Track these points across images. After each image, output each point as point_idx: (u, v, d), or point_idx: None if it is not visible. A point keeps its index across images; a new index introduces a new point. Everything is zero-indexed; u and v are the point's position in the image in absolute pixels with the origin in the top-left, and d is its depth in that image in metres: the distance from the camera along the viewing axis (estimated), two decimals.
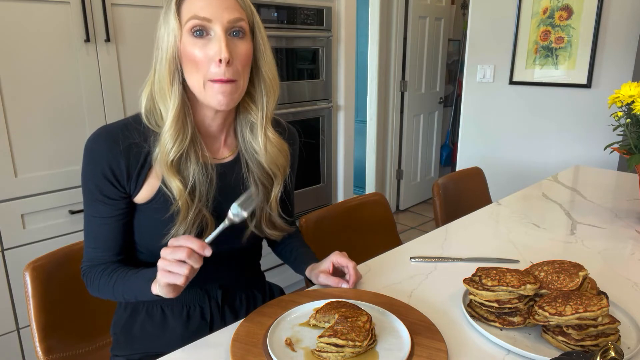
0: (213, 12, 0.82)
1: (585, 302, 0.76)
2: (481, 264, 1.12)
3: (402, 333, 0.81)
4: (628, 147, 1.30)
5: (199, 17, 0.82)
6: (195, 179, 0.89)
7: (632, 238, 1.30)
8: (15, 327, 1.64)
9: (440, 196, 1.72)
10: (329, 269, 1.01)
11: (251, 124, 0.95)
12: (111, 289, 0.89)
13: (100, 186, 0.87)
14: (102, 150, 0.86)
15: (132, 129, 0.88)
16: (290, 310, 0.88)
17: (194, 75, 0.84)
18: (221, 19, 0.82)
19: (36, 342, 0.99)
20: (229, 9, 0.83)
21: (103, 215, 0.89)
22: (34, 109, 1.56)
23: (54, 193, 1.64)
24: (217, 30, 0.82)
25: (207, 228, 0.91)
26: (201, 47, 0.83)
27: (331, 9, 2.49)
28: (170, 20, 0.83)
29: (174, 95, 0.85)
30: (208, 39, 0.83)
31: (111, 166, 0.86)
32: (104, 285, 0.90)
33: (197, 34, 0.83)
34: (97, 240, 0.91)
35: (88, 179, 0.88)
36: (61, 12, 1.56)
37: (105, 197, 0.88)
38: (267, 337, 0.79)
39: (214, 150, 0.96)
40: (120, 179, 0.87)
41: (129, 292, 0.88)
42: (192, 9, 0.82)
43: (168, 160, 0.86)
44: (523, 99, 2.81)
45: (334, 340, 0.74)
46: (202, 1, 0.82)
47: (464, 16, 4.35)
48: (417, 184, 4.22)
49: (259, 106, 0.94)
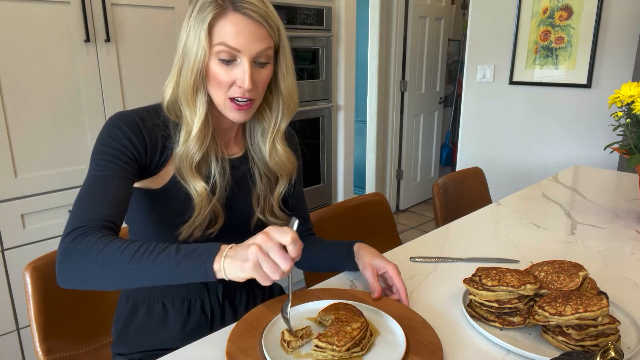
0: (243, 43, 0.83)
1: (585, 302, 0.76)
2: (481, 264, 1.12)
3: (397, 333, 0.81)
4: (628, 147, 1.30)
5: (229, 46, 0.83)
6: (214, 176, 0.92)
7: (632, 238, 1.30)
8: (15, 327, 1.64)
9: (440, 196, 1.72)
10: (379, 270, 0.96)
11: (263, 129, 0.98)
12: (127, 258, 0.72)
13: (119, 145, 0.84)
14: (128, 119, 0.87)
15: (153, 114, 0.91)
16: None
17: (217, 91, 0.88)
18: (249, 51, 0.84)
19: (36, 342, 0.99)
20: (259, 41, 0.85)
21: (115, 172, 0.83)
22: (34, 109, 1.56)
23: (54, 193, 1.64)
24: (244, 60, 0.85)
25: (217, 220, 0.94)
26: (226, 71, 0.86)
27: (331, 9, 2.49)
28: (202, 36, 0.84)
29: (199, 103, 0.88)
30: (234, 64, 0.86)
31: (135, 133, 0.86)
32: (111, 252, 0.72)
33: (225, 62, 0.85)
34: (105, 196, 0.80)
35: (105, 139, 0.85)
36: (61, 12, 1.56)
37: (122, 155, 0.84)
38: (262, 338, 0.79)
39: (224, 146, 0.98)
40: (141, 147, 0.87)
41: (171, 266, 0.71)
42: (223, 33, 0.83)
43: (194, 162, 0.88)
44: (523, 99, 2.81)
45: (315, 341, 0.75)
46: (234, 27, 0.83)
47: (464, 16, 4.35)
48: (417, 184, 4.22)
49: (274, 115, 0.97)
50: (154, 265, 0.72)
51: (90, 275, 0.74)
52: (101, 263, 0.72)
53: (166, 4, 1.80)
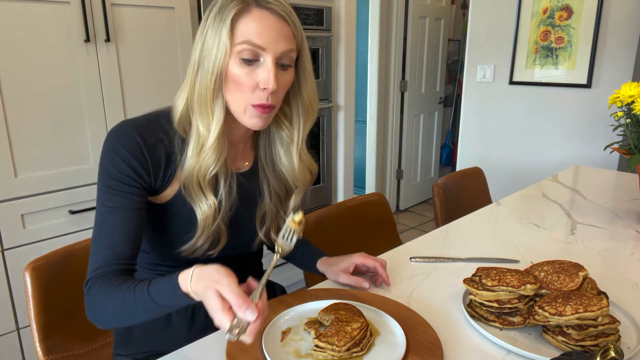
0: (268, 41, 0.78)
1: (585, 302, 0.76)
2: (481, 264, 1.12)
3: (397, 333, 0.81)
4: (628, 147, 1.30)
5: (253, 43, 0.78)
6: (221, 194, 0.86)
7: (632, 238, 1.30)
8: (15, 327, 1.64)
9: (440, 196, 1.72)
10: (349, 268, 1.00)
11: (282, 139, 0.93)
12: (131, 293, 0.75)
13: (122, 176, 0.81)
14: (128, 141, 0.81)
15: (156, 126, 0.85)
16: (285, 310, 0.88)
17: (236, 95, 0.82)
18: (275, 49, 0.79)
19: (36, 342, 0.99)
20: (284, 39, 0.80)
21: (123, 206, 0.81)
22: (34, 109, 1.56)
23: (54, 193, 1.64)
24: (268, 59, 0.79)
25: (220, 241, 0.89)
26: (248, 72, 0.80)
27: (331, 9, 2.49)
28: (223, 35, 0.78)
29: (218, 111, 0.82)
30: (256, 65, 0.80)
31: (137, 157, 0.81)
32: (121, 293, 0.75)
33: (247, 62, 0.79)
34: (115, 235, 0.80)
35: (109, 168, 0.81)
36: (61, 12, 1.56)
37: (127, 186, 0.81)
38: (262, 338, 0.79)
39: (232, 159, 0.93)
40: (144, 171, 0.82)
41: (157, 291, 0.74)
42: (247, 31, 0.78)
43: (207, 177, 0.83)
44: (523, 99, 2.81)
45: (316, 341, 0.75)
46: (259, 24, 0.78)
47: (464, 16, 4.35)
48: (417, 184, 4.22)
49: (295, 126, 0.91)
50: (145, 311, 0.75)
51: (113, 321, 0.80)
52: (111, 316, 0.78)
53: (166, 4, 1.80)
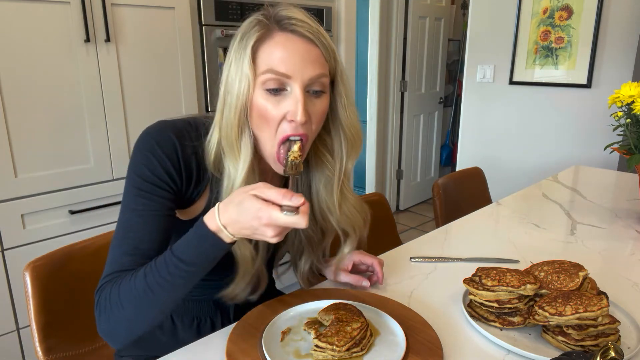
0: (293, 68, 0.71)
1: (585, 302, 0.76)
2: (481, 264, 1.12)
3: (397, 333, 0.81)
4: (628, 147, 1.30)
5: (276, 72, 0.71)
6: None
7: (632, 238, 1.30)
8: (15, 327, 1.64)
9: (440, 196, 1.72)
10: (347, 266, 1.00)
11: (326, 176, 0.83)
12: (151, 265, 0.69)
13: (158, 180, 0.75)
14: (166, 143, 0.75)
15: (193, 133, 0.78)
16: (285, 310, 0.88)
17: (264, 129, 0.75)
18: (302, 76, 0.72)
19: (36, 342, 0.99)
20: (313, 64, 0.72)
21: (155, 210, 0.74)
22: (34, 108, 1.56)
23: (54, 193, 1.64)
24: (295, 88, 0.72)
25: (261, 283, 0.84)
26: (275, 103, 0.73)
27: (331, 9, 2.49)
28: (244, 65, 0.72)
29: (244, 149, 0.75)
30: (283, 95, 0.73)
31: (174, 162, 0.76)
32: (139, 274, 0.69)
33: (273, 92, 0.72)
34: (141, 240, 0.73)
35: (143, 170, 0.75)
36: (61, 12, 1.56)
37: (161, 190, 0.75)
38: (262, 338, 0.79)
39: None
40: (179, 178, 0.77)
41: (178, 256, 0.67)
42: (270, 59, 0.71)
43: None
44: (523, 99, 2.81)
45: (316, 341, 0.75)
46: (282, 51, 0.71)
47: (464, 16, 4.35)
48: (417, 184, 4.22)
49: (337, 157, 0.83)
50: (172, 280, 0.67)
51: (129, 326, 0.71)
52: (128, 315, 0.69)
53: (166, 4, 1.80)
